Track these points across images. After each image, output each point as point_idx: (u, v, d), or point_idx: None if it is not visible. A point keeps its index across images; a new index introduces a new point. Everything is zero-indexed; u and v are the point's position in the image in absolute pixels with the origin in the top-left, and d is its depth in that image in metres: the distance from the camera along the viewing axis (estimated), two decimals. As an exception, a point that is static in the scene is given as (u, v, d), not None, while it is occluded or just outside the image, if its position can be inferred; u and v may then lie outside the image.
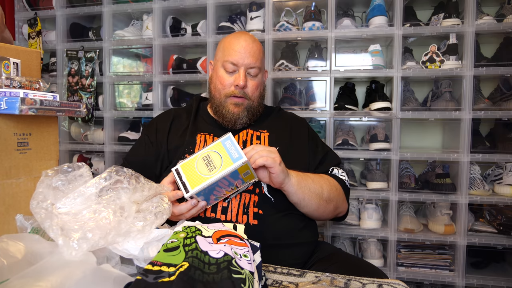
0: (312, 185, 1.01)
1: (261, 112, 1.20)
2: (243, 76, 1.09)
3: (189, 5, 2.03)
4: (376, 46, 1.87)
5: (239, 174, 0.90)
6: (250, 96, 1.12)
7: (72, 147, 2.24)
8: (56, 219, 0.61)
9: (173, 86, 2.15)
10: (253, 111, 1.15)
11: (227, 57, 1.11)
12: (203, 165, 0.89)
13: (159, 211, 0.73)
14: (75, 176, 0.71)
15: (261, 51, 1.14)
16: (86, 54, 2.17)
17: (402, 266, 1.81)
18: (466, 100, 1.72)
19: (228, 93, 1.12)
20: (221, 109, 1.13)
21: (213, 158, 0.89)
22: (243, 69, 1.10)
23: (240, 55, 1.09)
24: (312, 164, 1.15)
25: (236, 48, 1.10)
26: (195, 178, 0.88)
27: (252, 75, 1.12)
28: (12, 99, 0.69)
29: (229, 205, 1.00)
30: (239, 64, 1.10)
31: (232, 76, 1.11)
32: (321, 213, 1.07)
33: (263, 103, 1.20)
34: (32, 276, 0.52)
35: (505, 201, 1.70)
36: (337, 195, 1.09)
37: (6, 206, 0.72)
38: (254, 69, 1.11)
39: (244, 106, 1.12)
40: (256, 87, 1.13)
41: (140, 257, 0.65)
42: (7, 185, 0.72)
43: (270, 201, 1.02)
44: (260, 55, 1.12)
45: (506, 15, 1.73)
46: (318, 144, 1.21)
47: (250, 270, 0.59)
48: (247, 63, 1.09)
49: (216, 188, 0.91)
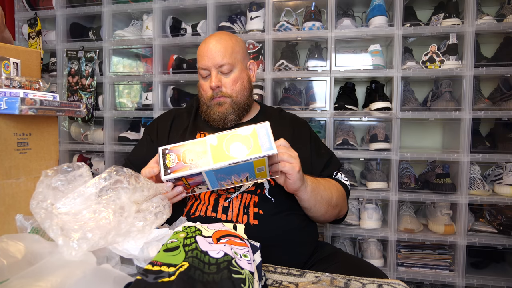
0: (323, 192, 1.02)
1: (250, 105, 1.20)
2: (214, 77, 1.11)
3: (189, 5, 2.03)
4: (376, 46, 1.87)
5: (253, 167, 0.86)
6: (230, 93, 1.13)
7: (72, 147, 2.24)
8: (56, 219, 0.61)
9: (173, 86, 2.15)
10: (239, 105, 1.14)
11: (199, 64, 1.14)
12: (235, 145, 0.85)
13: (159, 211, 0.73)
14: (75, 176, 0.71)
15: (230, 46, 1.12)
16: (86, 54, 2.17)
17: (402, 266, 1.81)
18: (466, 100, 1.72)
19: (209, 96, 1.14)
20: (209, 112, 1.15)
21: (244, 141, 0.85)
22: (214, 70, 1.11)
23: (207, 59, 1.11)
24: (317, 167, 1.15)
25: (203, 53, 1.12)
26: (221, 155, 0.84)
27: (226, 72, 1.12)
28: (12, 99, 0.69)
29: (230, 205, 1.00)
30: (208, 67, 1.11)
31: (208, 80, 1.13)
32: (327, 218, 1.09)
33: (251, 96, 1.20)
34: (32, 276, 0.52)
35: (505, 201, 1.70)
36: (343, 200, 1.12)
37: (6, 206, 0.72)
38: (225, 66, 1.11)
39: (228, 103, 1.13)
40: (233, 82, 1.13)
41: (140, 257, 0.65)
42: (7, 185, 0.72)
43: (271, 201, 1.03)
44: (229, 50, 1.11)
45: (506, 15, 1.72)
46: (321, 147, 1.21)
47: (250, 270, 0.59)
48: (215, 63, 1.10)
49: (231, 173, 0.88)
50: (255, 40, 1.97)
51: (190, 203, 1.04)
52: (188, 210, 1.02)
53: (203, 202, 1.03)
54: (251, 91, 1.20)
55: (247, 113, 1.20)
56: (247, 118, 1.21)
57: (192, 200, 1.05)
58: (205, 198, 1.03)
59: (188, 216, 1.01)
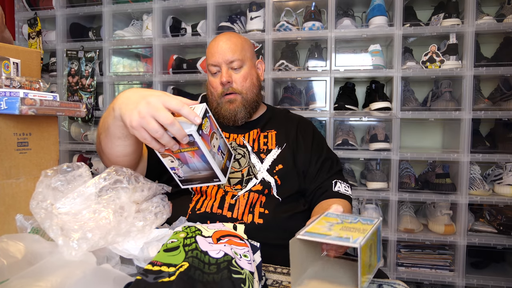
0: None
1: (260, 103, 1.20)
2: (225, 73, 1.11)
3: (189, 5, 2.03)
4: (376, 46, 1.87)
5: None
6: (240, 89, 1.13)
7: (72, 147, 2.24)
8: (56, 219, 0.61)
9: (173, 86, 2.15)
10: (249, 102, 1.15)
11: (209, 61, 1.14)
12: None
13: (159, 211, 0.74)
14: (74, 176, 0.71)
15: (239, 43, 1.14)
16: (86, 54, 2.17)
17: (402, 266, 1.81)
18: (466, 100, 1.72)
19: (219, 93, 1.13)
20: (219, 110, 1.15)
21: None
22: (224, 66, 1.11)
23: (218, 55, 1.11)
24: (313, 168, 1.14)
25: (213, 50, 1.12)
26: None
27: (236, 68, 1.13)
28: (12, 99, 0.69)
29: (236, 203, 1.01)
30: (219, 64, 1.12)
31: (218, 77, 1.13)
32: None
33: (260, 94, 1.20)
34: (32, 276, 0.52)
35: (505, 201, 1.70)
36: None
37: (6, 206, 0.72)
38: (235, 62, 1.12)
39: (238, 100, 1.13)
40: (244, 78, 1.13)
41: (140, 257, 0.65)
42: (7, 185, 0.72)
43: (278, 201, 1.03)
44: (239, 47, 1.12)
45: (506, 15, 1.72)
46: (324, 148, 1.20)
47: (250, 270, 0.59)
48: (226, 59, 1.11)
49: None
50: (255, 40, 1.97)
51: (195, 199, 1.03)
52: (194, 206, 1.02)
53: (209, 198, 1.02)
54: (260, 89, 1.20)
55: (256, 111, 1.20)
56: (255, 116, 1.21)
57: (198, 195, 1.04)
58: (212, 194, 1.03)
59: (194, 212, 1.00)
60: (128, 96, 0.77)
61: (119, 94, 0.80)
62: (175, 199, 1.03)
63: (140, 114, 0.70)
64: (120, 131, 0.82)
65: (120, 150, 0.88)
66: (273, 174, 1.06)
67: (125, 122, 0.74)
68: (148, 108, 0.70)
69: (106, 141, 0.87)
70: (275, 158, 1.09)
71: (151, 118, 0.70)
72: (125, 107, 0.74)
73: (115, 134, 0.84)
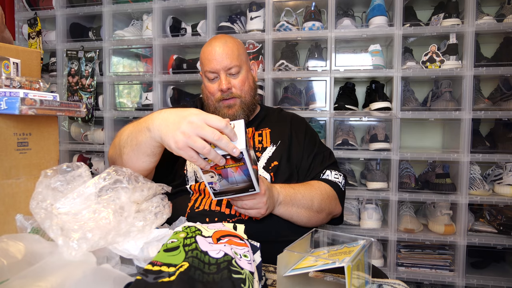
0: (302, 201, 1.02)
1: (256, 105, 1.22)
2: (224, 80, 1.12)
3: (189, 5, 2.03)
4: (376, 46, 1.87)
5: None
6: (240, 93, 1.14)
7: (72, 147, 2.24)
8: (56, 219, 0.61)
9: (173, 86, 2.15)
10: (248, 105, 1.17)
11: (206, 67, 1.14)
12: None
13: (159, 211, 0.73)
14: (74, 176, 0.71)
15: (236, 48, 1.14)
16: (86, 54, 2.17)
17: (402, 266, 1.81)
18: (466, 100, 1.72)
19: (218, 98, 1.14)
20: (217, 114, 1.15)
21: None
22: (223, 73, 1.12)
23: (215, 62, 1.12)
24: (305, 162, 1.16)
25: (210, 56, 1.13)
26: None
27: (234, 73, 1.14)
28: (12, 99, 0.69)
29: None
30: (217, 70, 1.12)
31: (216, 83, 1.14)
32: (314, 223, 1.08)
33: (256, 95, 1.22)
34: (32, 276, 0.52)
35: (505, 201, 1.70)
36: (329, 202, 1.09)
37: (6, 206, 0.72)
38: (233, 68, 1.13)
39: (238, 105, 1.14)
40: (242, 83, 1.15)
41: (140, 257, 0.65)
42: (7, 185, 0.72)
43: None
44: (235, 53, 1.13)
45: (506, 15, 1.72)
46: (316, 143, 1.22)
47: (250, 270, 0.59)
48: (224, 66, 1.12)
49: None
50: (255, 40, 1.97)
51: (194, 198, 1.05)
52: (193, 204, 1.04)
53: (207, 196, 1.04)
54: (256, 90, 1.22)
55: (253, 113, 1.22)
56: (251, 116, 1.23)
57: (197, 194, 1.06)
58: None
59: (193, 210, 1.02)
60: (165, 117, 0.78)
61: (153, 115, 0.82)
62: (174, 199, 1.05)
63: (185, 134, 0.72)
64: (152, 150, 0.85)
65: (144, 166, 0.90)
66: (269, 170, 1.09)
67: (168, 144, 0.75)
68: (191, 127, 0.72)
69: (132, 156, 0.88)
70: (270, 155, 1.12)
71: (196, 137, 0.71)
72: (166, 129, 0.76)
73: (145, 152, 0.86)
